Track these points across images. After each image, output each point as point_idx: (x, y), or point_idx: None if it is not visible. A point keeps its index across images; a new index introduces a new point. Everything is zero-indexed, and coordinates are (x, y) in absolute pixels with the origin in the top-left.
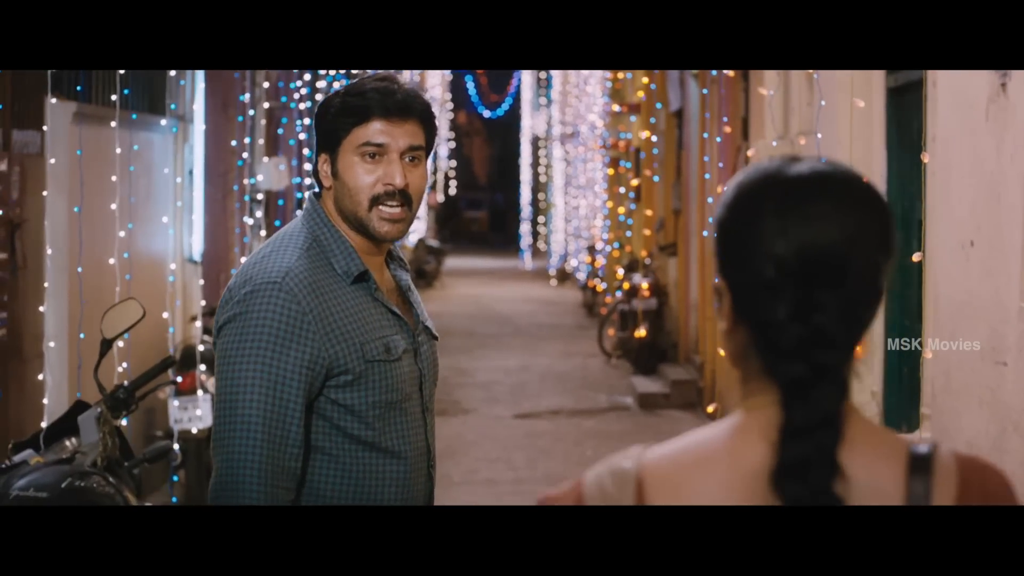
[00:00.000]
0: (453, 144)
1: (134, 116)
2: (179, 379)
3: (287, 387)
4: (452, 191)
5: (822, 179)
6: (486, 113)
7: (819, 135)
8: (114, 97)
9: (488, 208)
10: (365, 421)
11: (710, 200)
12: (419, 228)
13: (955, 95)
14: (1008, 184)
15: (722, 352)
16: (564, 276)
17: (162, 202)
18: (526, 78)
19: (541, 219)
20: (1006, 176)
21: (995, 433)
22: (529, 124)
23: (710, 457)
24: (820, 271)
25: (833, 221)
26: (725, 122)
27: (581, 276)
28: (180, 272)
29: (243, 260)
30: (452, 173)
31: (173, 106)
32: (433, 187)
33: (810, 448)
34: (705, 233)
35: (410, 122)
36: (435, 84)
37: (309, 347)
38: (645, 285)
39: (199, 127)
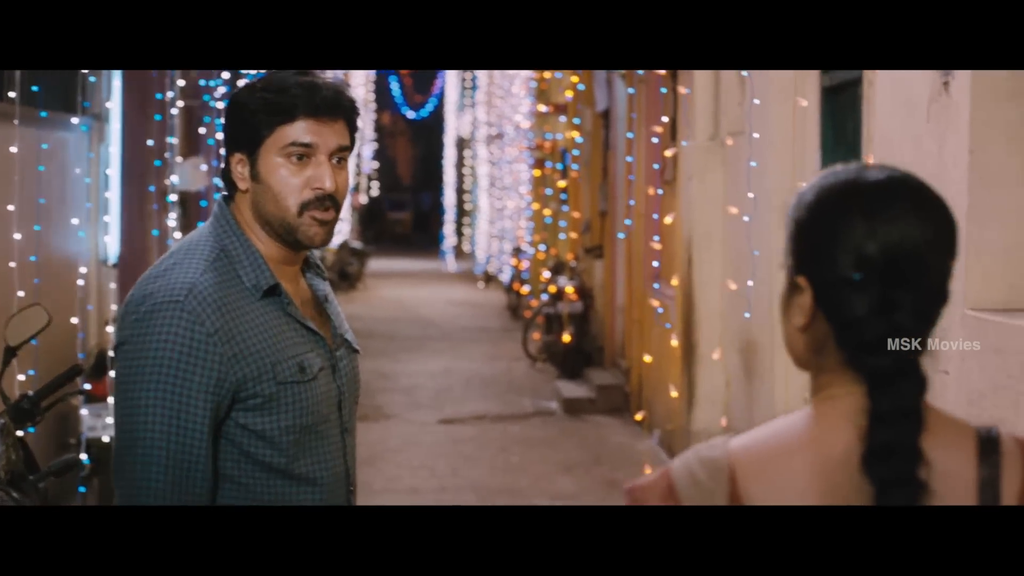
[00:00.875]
0: (376, 145)
1: (43, 114)
2: (88, 387)
3: (191, 413)
4: (375, 192)
5: (900, 184)
6: (410, 114)
7: (755, 135)
8: (12, 94)
9: (412, 209)
10: (278, 447)
11: (631, 203)
12: (343, 230)
13: (895, 94)
14: (951, 188)
15: (791, 349)
16: (490, 278)
17: (75, 204)
18: (451, 79)
19: (466, 221)
20: (949, 179)
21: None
22: (454, 125)
23: (795, 444)
24: (902, 270)
25: (913, 224)
26: (664, 122)
27: (506, 278)
28: (95, 275)
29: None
30: (376, 174)
31: (86, 104)
32: (356, 188)
33: (896, 435)
34: (621, 236)
35: (338, 121)
36: (358, 84)
37: (215, 370)
38: (570, 289)
39: (116, 126)
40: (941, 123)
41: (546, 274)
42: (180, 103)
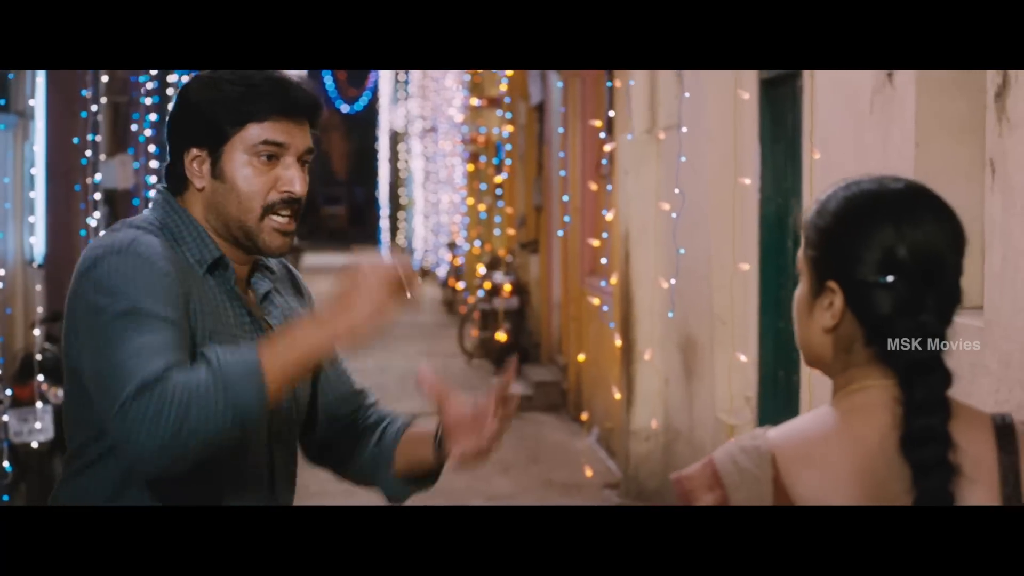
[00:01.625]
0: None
1: None
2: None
3: (162, 322)
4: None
5: (921, 192)
6: (344, 108)
7: (684, 129)
8: None
9: (347, 204)
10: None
11: (565, 198)
12: None
13: (837, 87)
14: None
15: (812, 349)
16: (426, 273)
17: None
18: (385, 73)
19: (402, 215)
20: (894, 172)
21: None
22: (387, 119)
23: (832, 432)
24: (929, 272)
25: (935, 228)
26: (596, 117)
27: (441, 273)
28: (20, 276)
29: None
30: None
31: (2, 101)
32: None
33: (930, 421)
34: (560, 233)
35: (306, 122)
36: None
37: (175, 298)
38: (507, 286)
39: (40, 124)
40: (885, 115)
41: (481, 270)
42: (104, 99)
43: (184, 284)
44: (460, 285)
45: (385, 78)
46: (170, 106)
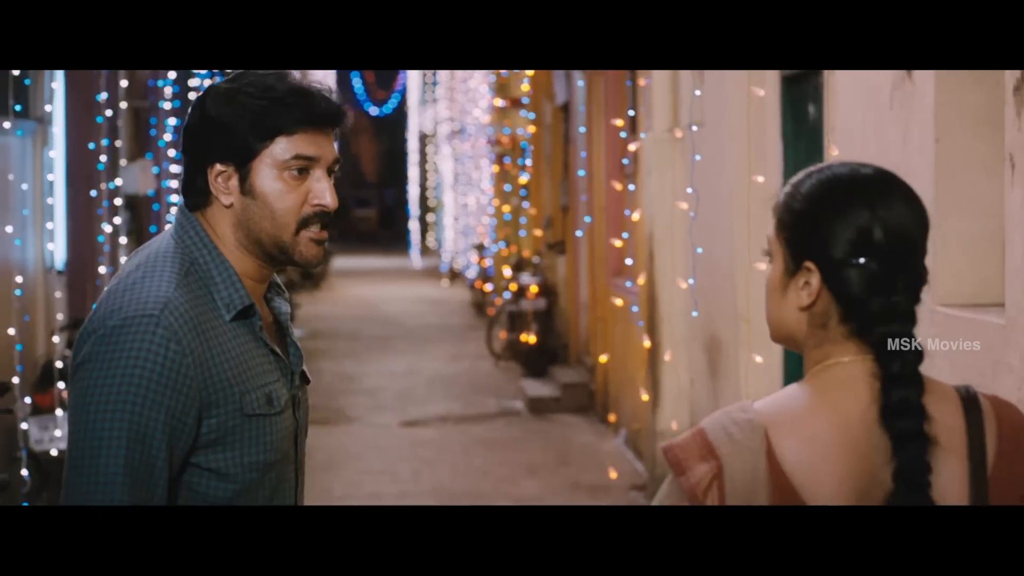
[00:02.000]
0: (339, 142)
1: None
2: (28, 400)
3: (157, 445)
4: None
5: (889, 178)
6: (373, 110)
7: (694, 128)
8: None
9: (377, 206)
10: (233, 486)
11: (583, 198)
12: None
13: (857, 82)
14: (916, 178)
15: (784, 326)
16: (455, 275)
17: (11, 211)
18: (413, 75)
19: (431, 217)
20: (913, 169)
21: None
22: (417, 121)
23: (816, 404)
24: (900, 253)
25: (905, 212)
26: (619, 116)
27: (471, 275)
28: (41, 283)
29: (106, 276)
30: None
31: (18, 107)
32: None
33: (907, 393)
34: (579, 233)
35: (331, 132)
36: (317, 80)
37: (183, 397)
38: (534, 286)
39: (58, 129)
40: (905, 110)
41: (507, 272)
42: (124, 104)
43: (203, 353)
44: (488, 287)
45: (413, 80)
46: (186, 118)
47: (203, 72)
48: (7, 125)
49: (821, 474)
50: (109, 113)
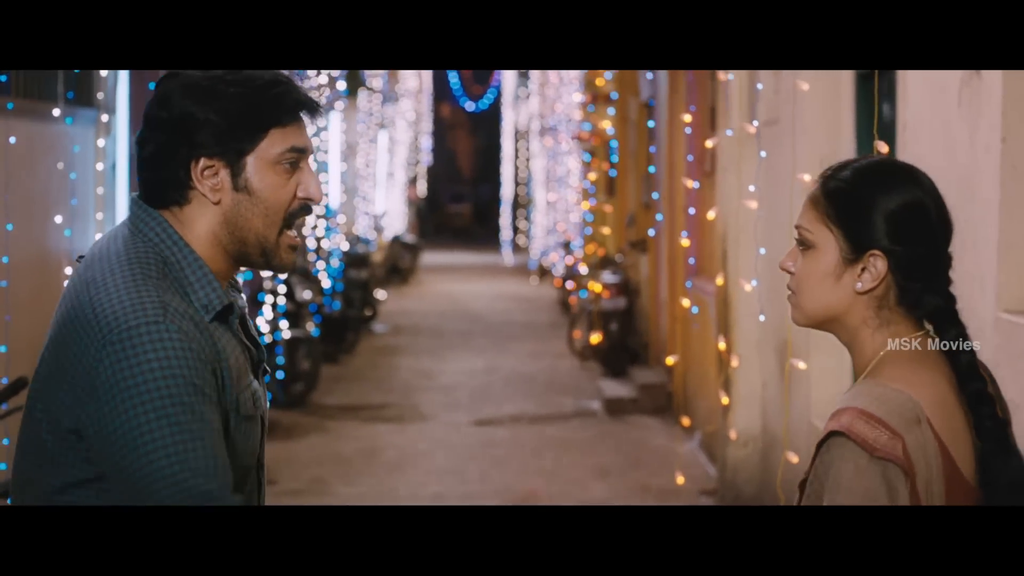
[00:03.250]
0: (434, 137)
1: (10, 106)
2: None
3: (217, 430)
4: (431, 184)
5: (918, 170)
6: (469, 105)
7: (756, 123)
8: None
9: (472, 202)
10: None
11: (655, 195)
12: (394, 225)
13: (927, 80)
14: (983, 178)
15: (831, 311)
16: (544, 273)
17: (59, 200)
18: (508, 71)
19: (522, 213)
20: (980, 169)
21: None
22: (511, 117)
23: (925, 378)
24: (948, 237)
25: (944, 202)
26: (692, 111)
27: (558, 272)
28: None
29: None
30: (434, 166)
31: (70, 95)
32: (414, 181)
33: (975, 359)
34: (651, 232)
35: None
36: (412, 74)
37: (210, 402)
38: (598, 286)
39: (122, 118)
40: (972, 108)
41: (584, 270)
42: None
43: (210, 354)
44: (569, 285)
45: (508, 76)
46: (152, 108)
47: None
48: (56, 113)
49: (959, 439)
50: None
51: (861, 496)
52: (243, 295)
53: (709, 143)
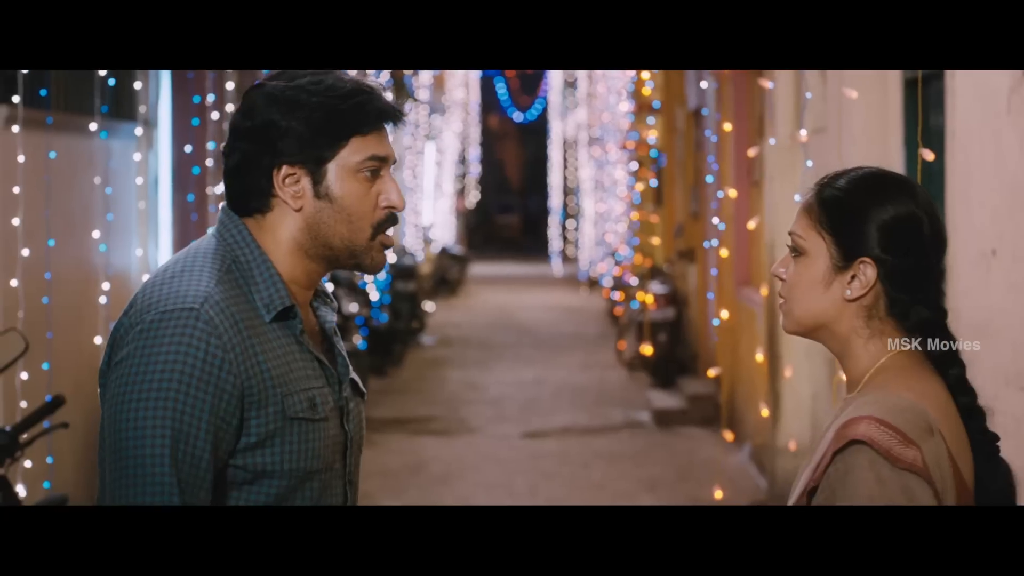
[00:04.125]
0: (483, 148)
1: (49, 120)
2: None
3: (201, 445)
4: (482, 196)
5: (911, 180)
6: (517, 116)
7: (813, 133)
8: (16, 98)
9: (521, 213)
10: (272, 493)
11: (689, 205)
12: (442, 236)
13: (975, 85)
14: None
15: (821, 318)
16: (593, 283)
17: (96, 216)
18: (555, 80)
19: (571, 224)
20: None
21: (1020, 468)
22: (559, 127)
23: (926, 388)
24: (941, 249)
25: (939, 216)
26: (738, 120)
27: (606, 283)
28: None
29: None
30: (482, 177)
31: (104, 108)
32: (462, 192)
33: (964, 372)
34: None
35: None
36: (459, 85)
37: (226, 395)
38: (649, 297)
39: (164, 132)
40: (1022, 115)
41: (634, 280)
42: (229, 107)
43: (244, 351)
44: (615, 295)
45: (556, 86)
46: (237, 118)
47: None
48: (93, 127)
49: (963, 449)
50: (215, 116)
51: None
52: (334, 311)
53: (751, 152)
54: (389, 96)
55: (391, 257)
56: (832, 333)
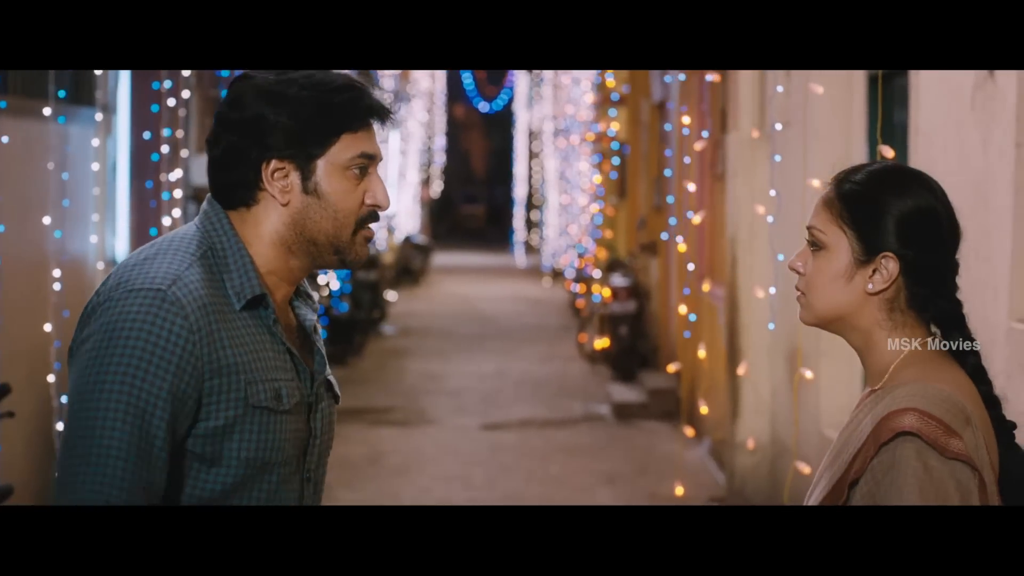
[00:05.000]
0: (447, 138)
1: (2, 104)
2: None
3: (156, 423)
4: (445, 185)
5: (931, 178)
6: (483, 106)
7: (778, 127)
8: None
9: (486, 203)
10: (225, 482)
11: (670, 199)
12: (406, 226)
13: (940, 83)
14: (996, 185)
15: (841, 310)
16: (557, 275)
17: (50, 201)
18: (521, 71)
19: (536, 215)
20: (994, 175)
21: None
22: (524, 118)
23: (956, 380)
24: (957, 243)
25: (953, 209)
26: (701, 113)
27: (570, 275)
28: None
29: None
30: (447, 167)
31: (62, 93)
32: (426, 181)
33: (980, 361)
34: (664, 236)
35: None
36: (426, 74)
37: (187, 375)
38: (607, 290)
39: (123, 118)
40: (986, 113)
41: (596, 273)
42: (187, 94)
43: (209, 334)
44: (576, 288)
45: (522, 77)
46: (225, 109)
47: None
48: (47, 112)
49: (991, 439)
50: (172, 102)
51: (933, 496)
52: (314, 311)
53: (698, 146)
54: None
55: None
56: (853, 326)
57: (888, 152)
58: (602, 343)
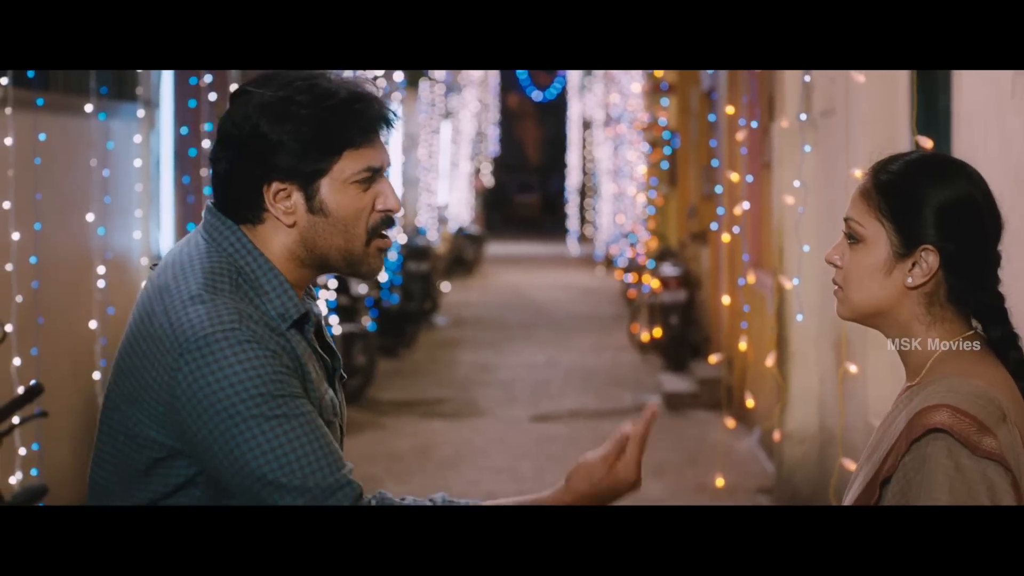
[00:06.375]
0: (501, 127)
1: (40, 102)
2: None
3: (316, 420)
4: (500, 175)
5: (969, 165)
6: (536, 95)
7: (802, 116)
8: (4, 80)
9: (540, 192)
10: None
11: (718, 189)
12: (459, 216)
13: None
14: None
15: (881, 304)
16: (610, 264)
17: (92, 198)
18: None
19: (589, 204)
20: None
21: None
22: (578, 107)
23: (994, 375)
24: (999, 235)
25: (994, 198)
26: (745, 102)
27: (621, 264)
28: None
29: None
30: (501, 157)
31: (103, 89)
32: (479, 171)
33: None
34: (714, 226)
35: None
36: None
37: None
38: (672, 276)
39: (166, 114)
40: None
41: (650, 263)
42: (235, 87)
43: (288, 359)
44: (628, 277)
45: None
46: (225, 125)
47: None
48: (88, 108)
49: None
50: (212, 97)
51: (964, 496)
52: (318, 303)
53: (739, 136)
54: (381, 91)
55: (401, 238)
56: (891, 320)
57: (927, 142)
58: (653, 333)
